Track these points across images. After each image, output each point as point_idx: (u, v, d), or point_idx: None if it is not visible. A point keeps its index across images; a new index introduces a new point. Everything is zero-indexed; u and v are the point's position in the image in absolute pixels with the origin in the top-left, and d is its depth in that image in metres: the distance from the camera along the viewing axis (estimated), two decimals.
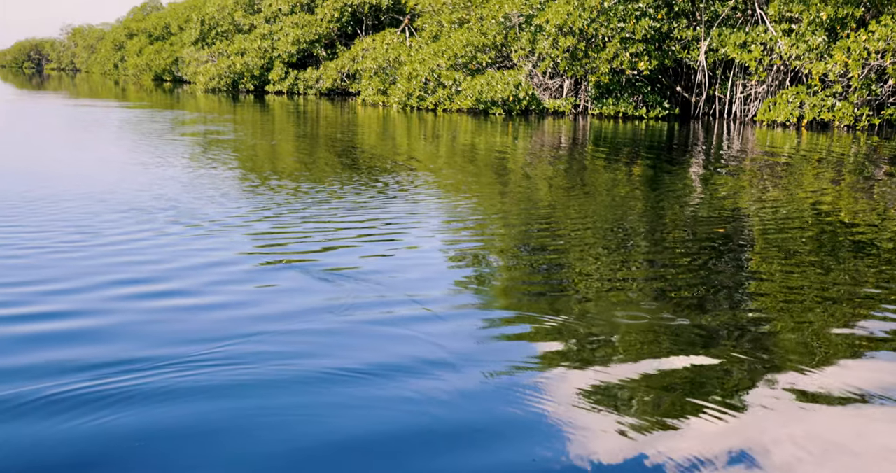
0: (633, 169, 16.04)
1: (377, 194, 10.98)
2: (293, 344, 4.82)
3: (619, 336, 5.23)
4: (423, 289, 6.07)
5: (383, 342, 4.92)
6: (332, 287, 6.06)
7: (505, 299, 6.08)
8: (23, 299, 5.46)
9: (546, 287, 6.44)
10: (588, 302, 5.97)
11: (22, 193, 9.84)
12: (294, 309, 5.50)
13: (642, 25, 32.21)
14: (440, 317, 5.41)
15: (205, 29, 66.23)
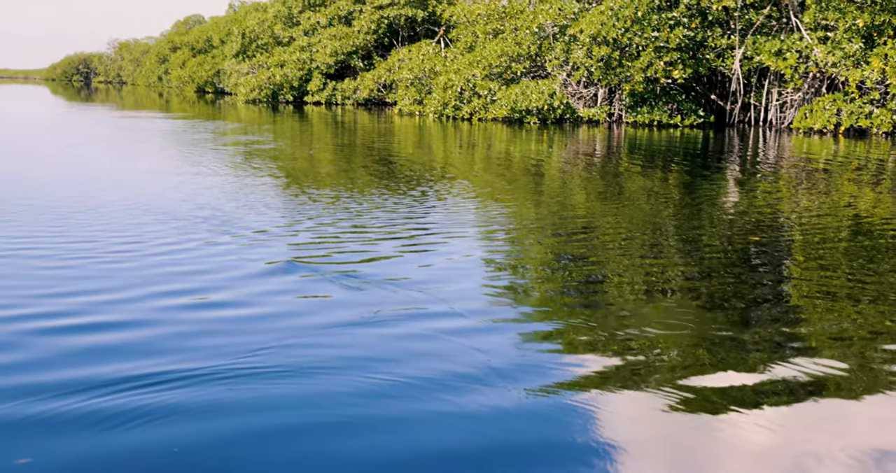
0: (669, 177, 15.85)
1: (415, 203, 10.94)
2: (335, 355, 4.76)
3: (657, 347, 5.12)
4: (463, 299, 6.00)
5: (423, 352, 4.86)
6: (371, 297, 6.02)
7: (543, 309, 5.99)
8: (69, 309, 5.48)
9: (583, 296, 6.35)
10: (625, 313, 5.86)
11: (70, 204, 9.94)
12: (335, 320, 5.46)
13: (676, 34, 31.92)
14: (480, 328, 5.34)
15: (245, 42, 66.93)
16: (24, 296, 5.72)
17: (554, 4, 35.40)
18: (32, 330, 4.99)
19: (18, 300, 5.62)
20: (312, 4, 60.39)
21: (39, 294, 5.79)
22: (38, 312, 5.36)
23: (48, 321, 5.19)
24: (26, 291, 5.85)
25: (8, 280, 6.16)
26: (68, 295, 5.79)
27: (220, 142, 22.19)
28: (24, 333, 4.93)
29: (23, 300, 5.62)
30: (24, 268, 6.52)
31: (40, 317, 5.25)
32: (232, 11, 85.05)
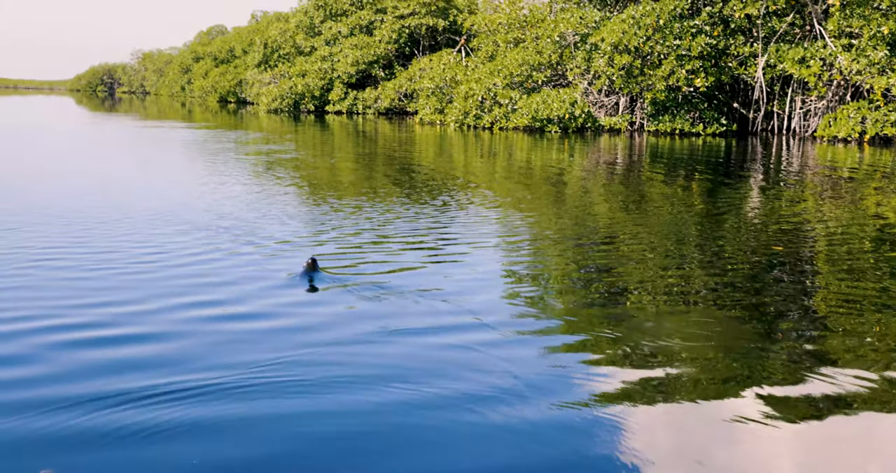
0: (691, 186, 15.73)
1: (437, 213, 10.91)
2: (361, 367, 4.71)
3: (681, 358, 5.04)
4: (488, 310, 5.94)
5: (451, 363, 4.80)
6: (396, 308, 5.98)
7: (568, 320, 5.93)
8: (93, 320, 5.48)
9: (607, 307, 6.27)
10: (650, 324, 5.79)
11: (94, 214, 9.98)
12: (360, 331, 5.42)
13: (698, 42, 31.77)
14: (506, 339, 5.28)
15: (267, 52, 67.38)
16: (48, 307, 5.73)
17: (575, 13, 35.35)
18: (55, 341, 4.99)
19: (43, 311, 5.63)
20: (334, 14, 60.70)
21: (63, 304, 5.80)
22: (61, 323, 5.37)
23: (72, 332, 5.19)
24: (50, 302, 5.87)
25: (33, 291, 6.18)
26: (92, 305, 5.79)
27: (243, 151, 22.28)
28: (48, 344, 4.93)
29: (47, 311, 5.63)
30: (49, 279, 6.54)
31: (64, 328, 5.25)
32: (254, 22, 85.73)
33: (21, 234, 8.44)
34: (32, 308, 5.67)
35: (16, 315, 5.50)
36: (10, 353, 4.73)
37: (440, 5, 57.40)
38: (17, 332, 5.10)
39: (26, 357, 4.70)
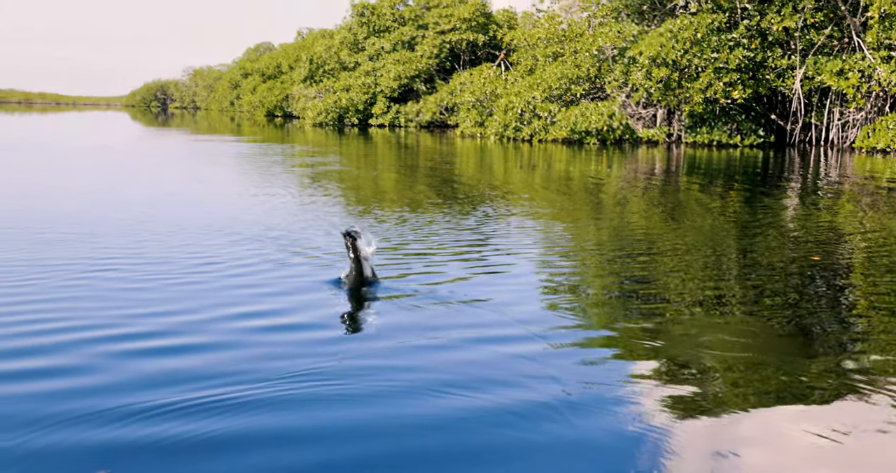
0: (729, 197, 15.58)
1: (478, 223, 10.95)
2: (408, 378, 4.73)
3: (721, 371, 5.02)
4: (531, 321, 5.95)
5: (492, 371, 4.83)
6: (441, 318, 6.02)
7: (606, 328, 5.92)
8: (145, 330, 5.57)
9: (645, 314, 6.26)
10: (688, 334, 5.76)
11: (149, 226, 10.18)
12: (406, 342, 5.45)
13: (736, 55, 31.50)
14: (549, 351, 5.29)
15: (313, 67, 68.12)
16: (103, 316, 5.85)
17: (613, 27, 35.27)
18: (110, 350, 5.09)
19: (99, 320, 5.74)
20: (377, 30, 61.22)
21: (119, 314, 5.91)
22: (117, 333, 5.46)
23: (127, 341, 5.27)
24: (106, 311, 5.98)
25: (89, 301, 6.29)
26: (146, 315, 5.91)
27: (289, 164, 22.56)
28: (103, 353, 5.03)
29: (103, 320, 5.74)
30: (105, 289, 6.67)
31: (119, 338, 5.33)
32: (300, 38, 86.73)
33: (79, 245, 8.64)
34: (88, 317, 5.78)
35: (72, 324, 5.59)
36: (65, 361, 4.85)
37: (480, 21, 57.60)
38: (72, 341, 5.20)
39: (81, 365, 4.80)
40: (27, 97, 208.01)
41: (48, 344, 5.12)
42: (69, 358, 4.86)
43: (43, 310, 5.91)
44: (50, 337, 5.30)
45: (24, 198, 13.26)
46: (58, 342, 5.17)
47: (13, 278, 6.98)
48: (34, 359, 4.83)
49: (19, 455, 3.60)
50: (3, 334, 5.30)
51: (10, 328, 5.45)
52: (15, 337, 5.28)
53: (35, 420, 3.93)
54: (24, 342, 5.16)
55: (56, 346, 5.07)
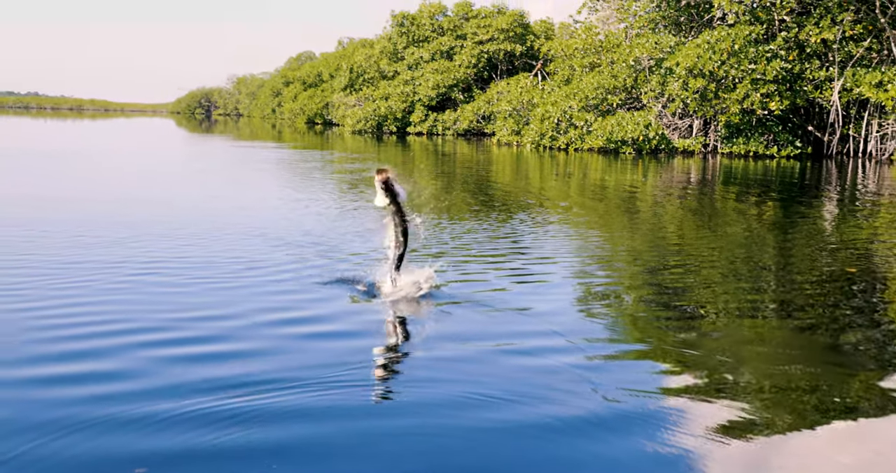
0: (765, 207, 15.36)
1: (513, 231, 10.90)
2: (446, 383, 4.72)
3: (757, 382, 4.92)
4: (564, 326, 5.91)
5: (528, 377, 4.78)
6: (478, 323, 5.99)
7: (642, 338, 5.85)
8: (185, 325, 5.60)
9: (679, 327, 6.16)
10: (721, 344, 5.66)
11: (192, 230, 10.27)
12: (444, 348, 5.43)
13: (773, 66, 31.10)
14: (584, 359, 5.24)
15: (353, 76, 68.59)
16: (146, 320, 5.87)
17: (650, 39, 35.03)
18: (150, 355, 5.09)
19: (141, 324, 5.74)
20: (416, 40, 61.48)
21: (162, 317, 5.92)
22: (158, 338, 5.46)
23: (166, 346, 5.25)
24: (149, 315, 6.00)
25: (131, 305, 6.29)
26: (188, 320, 5.92)
27: (328, 170, 22.68)
28: (143, 357, 5.05)
29: (145, 324, 5.75)
30: (147, 293, 6.69)
31: (159, 343, 5.33)
32: (341, 48, 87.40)
33: (125, 249, 8.73)
34: (132, 320, 5.78)
35: (116, 328, 5.59)
36: (107, 365, 4.86)
37: (518, 31, 57.60)
38: (115, 345, 5.18)
39: (123, 368, 4.80)
40: (78, 103, 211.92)
41: (90, 348, 5.14)
42: (111, 362, 4.88)
43: (87, 313, 5.96)
44: (92, 340, 5.32)
45: (70, 201, 13.47)
46: (100, 345, 5.19)
47: (60, 280, 7.07)
48: (77, 363, 4.85)
49: (64, 457, 3.63)
50: (49, 337, 5.35)
51: (56, 331, 5.50)
52: (59, 340, 5.33)
53: (77, 423, 3.95)
54: (68, 346, 5.20)
55: (98, 350, 5.09)
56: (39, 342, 5.19)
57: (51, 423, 3.92)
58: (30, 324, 5.56)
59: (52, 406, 4.13)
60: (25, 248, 8.58)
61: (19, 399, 4.23)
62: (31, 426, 3.88)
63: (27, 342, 5.18)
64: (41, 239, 9.19)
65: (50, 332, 5.40)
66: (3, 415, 4.00)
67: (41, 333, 5.37)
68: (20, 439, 3.75)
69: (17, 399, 4.23)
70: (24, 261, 7.85)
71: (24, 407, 4.10)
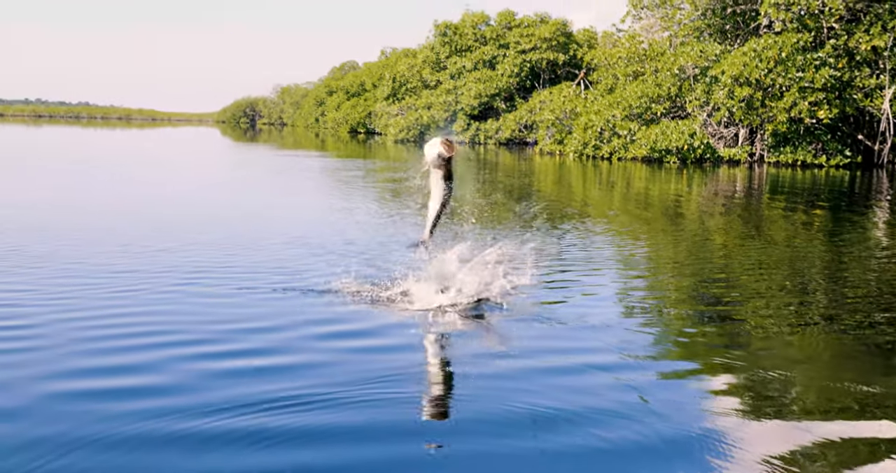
0: (813, 218, 15.04)
1: (556, 241, 10.81)
2: (482, 386, 4.69)
3: (803, 396, 4.78)
4: (608, 336, 5.82)
5: (574, 387, 4.72)
6: (522, 334, 5.94)
7: (686, 351, 5.73)
8: (229, 337, 5.58)
9: (725, 339, 6.02)
10: (771, 358, 5.52)
11: (237, 239, 10.34)
12: (480, 353, 5.40)
13: (822, 74, 30.55)
14: (630, 370, 5.15)
15: (396, 85, 68.98)
16: (191, 331, 5.87)
17: (695, 47, 34.67)
18: (195, 368, 5.10)
19: (186, 335, 5.71)
20: (459, 50, 61.62)
21: (205, 329, 5.90)
22: (203, 351, 5.44)
23: (212, 360, 5.20)
24: (193, 327, 5.99)
25: (175, 315, 6.27)
26: (233, 331, 5.92)
27: (371, 179, 22.77)
28: (187, 370, 5.06)
29: (190, 335, 5.74)
30: (191, 304, 6.67)
31: (204, 356, 5.28)
32: (384, 57, 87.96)
33: (171, 257, 8.83)
34: (177, 332, 5.74)
35: (159, 340, 5.56)
36: (151, 378, 4.87)
37: (561, 40, 57.43)
38: (160, 358, 5.14)
39: (168, 382, 4.80)
40: (127, 113, 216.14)
41: (133, 361, 5.09)
42: (153, 375, 4.86)
43: (131, 324, 5.96)
44: (135, 353, 5.31)
45: (111, 212, 13.68)
46: (143, 358, 5.15)
47: (106, 289, 7.15)
48: (119, 376, 4.83)
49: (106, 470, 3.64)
50: (91, 349, 5.36)
51: (99, 343, 5.50)
52: (102, 352, 5.34)
53: (121, 437, 3.94)
54: (110, 359, 5.18)
55: (140, 363, 5.05)
56: (83, 354, 5.19)
57: (92, 437, 3.92)
58: (74, 335, 5.58)
59: (94, 420, 4.12)
60: (74, 256, 8.71)
61: (62, 411, 4.23)
62: (72, 439, 3.87)
63: (71, 354, 5.19)
64: (89, 247, 9.33)
65: (92, 344, 5.40)
66: (45, 429, 4.00)
67: (84, 345, 5.37)
68: (61, 452, 3.74)
69: (60, 411, 4.23)
70: (72, 270, 7.96)
71: (67, 420, 4.10)
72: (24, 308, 6.37)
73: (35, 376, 4.75)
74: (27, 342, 5.43)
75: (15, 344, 5.38)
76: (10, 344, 5.38)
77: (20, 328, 5.77)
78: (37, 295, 6.80)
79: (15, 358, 5.07)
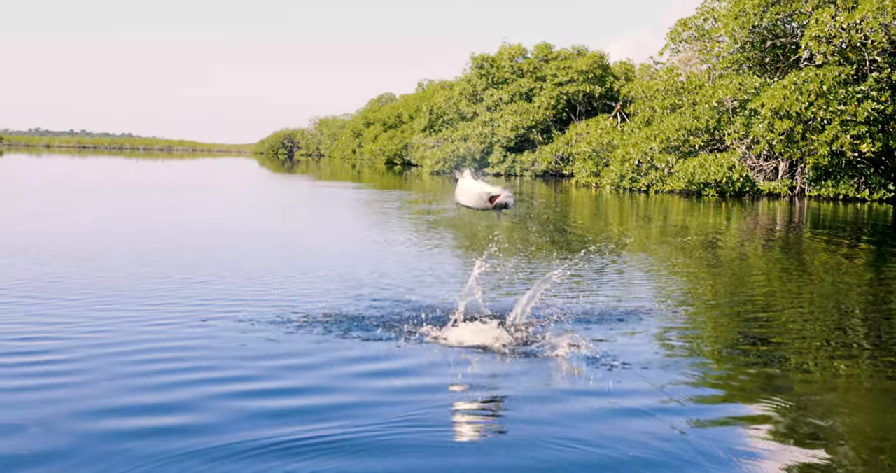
0: (855, 253, 14.77)
1: (593, 275, 10.72)
2: (521, 426, 4.64)
3: (844, 438, 4.65)
4: (647, 374, 5.73)
5: (615, 425, 4.65)
6: (555, 370, 5.88)
7: (724, 392, 5.61)
8: (263, 373, 5.63)
9: (767, 379, 5.90)
10: (810, 396, 5.39)
11: (274, 271, 10.41)
12: (512, 392, 5.35)
13: (864, 108, 30.19)
14: (668, 405, 5.06)
15: (432, 117, 69.48)
16: (225, 365, 5.92)
17: (734, 80, 34.49)
18: (224, 394, 5.15)
19: (225, 371, 5.74)
20: (496, 82, 61.98)
21: (245, 365, 5.94)
22: (239, 389, 5.48)
23: (247, 398, 5.22)
24: (232, 361, 6.03)
25: (215, 350, 6.31)
26: (265, 365, 5.97)
27: (407, 210, 22.87)
28: (216, 395, 5.10)
29: (225, 371, 5.79)
30: (231, 339, 6.68)
31: (239, 394, 5.31)
32: (421, 90, 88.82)
33: (208, 289, 8.90)
34: (212, 368, 5.72)
35: (197, 377, 5.55)
36: (187, 415, 4.89)
37: (598, 73, 57.56)
38: (198, 395, 5.19)
39: (192, 406, 4.87)
40: (168, 144, 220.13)
41: (168, 400, 5.13)
42: (190, 414, 4.88)
43: (168, 359, 6.00)
44: (172, 391, 5.37)
45: (148, 241, 13.87)
46: (180, 397, 5.18)
47: (145, 323, 7.23)
48: (154, 414, 4.84)
49: None
50: (128, 387, 5.40)
51: (137, 380, 5.55)
52: (139, 390, 5.39)
53: None
54: (147, 396, 5.24)
55: (178, 400, 5.09)
56: (120, 391, 5.21)
57: None
58: (114, 371, 5.62)
59: (129, 459, 4.14)
60: (114, 286, 8.83)
61: (98, 451, 4.22)
62: None
63: (109, 392, 5.21)
64: (127, 278, 9.46)
65: (130, 382, 5.41)
66: (81, 468, 4.02)
67: (123, 382, 5.38)
68: None
69: (97, 451, 4.22)
70: (112, 301, 8.07)
71: (103, 460, 4.11)
72: (61, 340, 6.45)
73: (71, 412, 4.78)
74: (63, 378, 5.48)
75: (52, 379, 5.44)
76: (46, 379, 5.44)
77: (57, 362, 5.84)
78: (75, 328, 6.90)
79: (52, 394, 5.12)
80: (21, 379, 5.38)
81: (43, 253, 11.19)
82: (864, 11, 29.83)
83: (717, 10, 37.93)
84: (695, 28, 38.98)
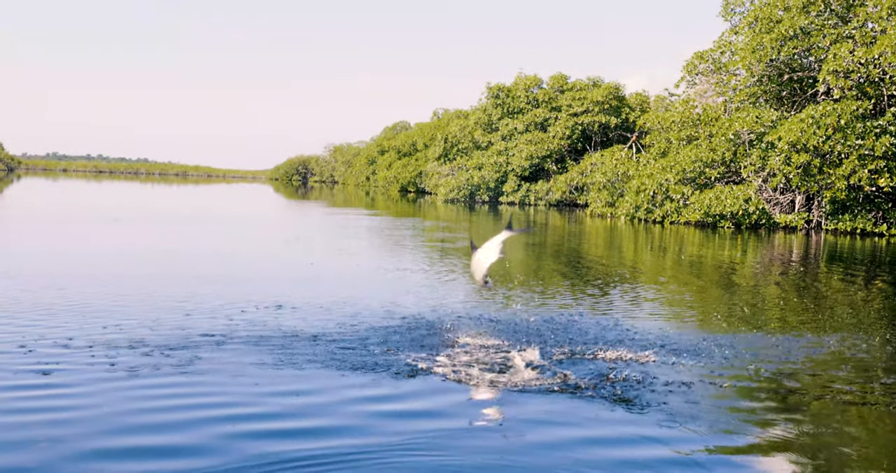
0: (873, 289, 14.67)
1: (609, 309, 10.70)
2: (529, 458, 4.63)
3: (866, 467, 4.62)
4: (661, 408, 5.71)
5: (623, 458, 4.63)
6: (564, 401, 5.86)
7: (739, 425, 5.58)
8: (285, 411, 5.66)
9: (785, 414, 5.86)
10: (832, 435, 5.36)
11: (292, 301, 10.44)
12: (534, 425, 5.34)
13: (883, 142, 30.15)
14: (679, 438, 5.04)
15: (447, 146, 69.80)
16: (237, 395, 5.97)
17: (751, 112, 34.55)
18: (236, 428, 5.16)
19: (243, 408, 5.72)
20: (511, 112, 62.31)
21: (260, 400, 5.94)
22: (254, 429, 5.43)
23: (263, 437, 5.13)
24: (248, 396, 6.04)
25: (233, 386, 6.27)
26: (277, 398, 6.00)
27: (420, 239, 22.92)
28: (226, 435, 5.11)
29: (236, 400, 5.83)
30: (247, 373, 6.66)
31: (254, 434, 5.22)
32: (436, 118, 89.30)
33: (225, 319, 8.92)
34: (229, 404, 5.72)
35: (213, 414, 5.52)
36: (189, 440, 4.92)
37: (613, 104, 57.81)
38: (213, 433, 5.20)
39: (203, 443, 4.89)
40: (184, 169, 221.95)
41: (181, 441, 5.14)
42: (190, 435, 4.90)
43: (184, 394, 6.00)
44: (186, 431, 5.40)
45: (166, 271, 13.96)
46: (193, 437, 5.22)
47: (162, 354, 7.28)
48: (166, 458, 4.89)
49: None
50: (140, 424, 5.40)
51: (151, 416, 5.56)
52: (148, 429, 5.43)
53: None
54: (156, 438, 5.28)
55: (188, 445, 5.02)
56: (131, 430, 5.19)
57: None
58: (127, 407, 5.61)
59: None
60: (145, 315, 8.90)
61: None
62: None
63: (120, 430, 5.18)
64: (143, 309, 9.53)
65: (143, 418, 5.38)
66: None
67: (135, 419, 5.36)
68: None
69: None
70: (124, 329, 8.13)
71: None
72: (70, 364, 6.51)
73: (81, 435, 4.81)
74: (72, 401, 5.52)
75: (62, 401, 5.49)
76: (56, 401, 5.49)
77: (64, 386, 5.89)
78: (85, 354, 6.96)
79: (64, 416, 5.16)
80: None
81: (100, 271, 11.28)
82: (882, 46, 29.91)
83: (735, 43, 38.11)
84: (711, 61, 39.15)
